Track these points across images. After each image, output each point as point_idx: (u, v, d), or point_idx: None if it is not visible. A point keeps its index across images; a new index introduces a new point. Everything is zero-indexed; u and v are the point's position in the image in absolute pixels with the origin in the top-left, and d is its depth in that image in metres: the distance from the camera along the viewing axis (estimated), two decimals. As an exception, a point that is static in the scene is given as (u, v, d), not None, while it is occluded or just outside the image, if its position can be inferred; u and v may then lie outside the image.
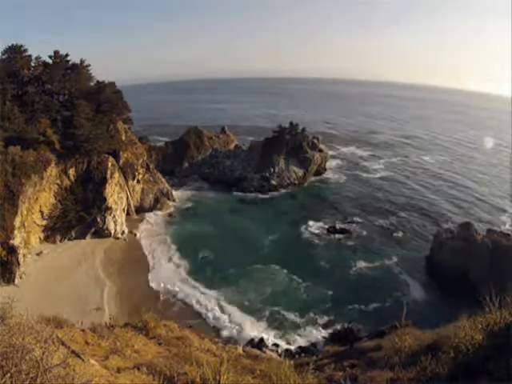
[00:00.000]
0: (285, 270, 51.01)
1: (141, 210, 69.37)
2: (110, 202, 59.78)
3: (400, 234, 62.75)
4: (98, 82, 72.68)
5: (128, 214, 66.14)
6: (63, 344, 6.14)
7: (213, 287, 47.49)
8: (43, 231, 55.03)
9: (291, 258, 53.88)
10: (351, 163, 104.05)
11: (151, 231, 62.93)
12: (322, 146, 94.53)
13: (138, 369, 7.13)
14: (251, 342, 36.64)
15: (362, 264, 53.29)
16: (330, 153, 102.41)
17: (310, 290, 47.43)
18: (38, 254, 51.60)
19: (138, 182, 69.74)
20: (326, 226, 64.59)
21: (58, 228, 55.84)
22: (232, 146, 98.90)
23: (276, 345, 37.41)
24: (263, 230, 62.89)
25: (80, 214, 57.19)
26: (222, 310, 43.50)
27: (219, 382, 5.23)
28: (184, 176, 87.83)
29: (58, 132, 61.09)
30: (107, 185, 60.03)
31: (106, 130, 65.94)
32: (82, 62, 70.75)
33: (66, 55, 68.70)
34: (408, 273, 51.53)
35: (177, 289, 47.49)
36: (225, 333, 39.69)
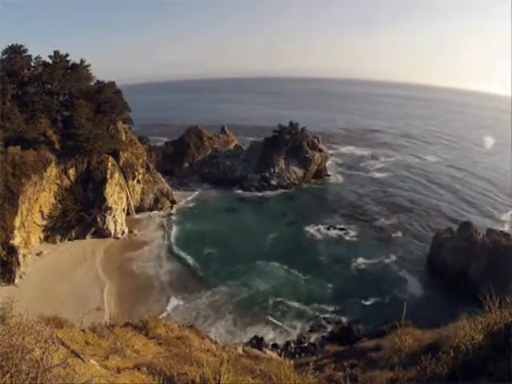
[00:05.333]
0: (285, 267, 51.67)
1: (141, 209, 69.42)
2: (110, 201, 59.79)
3: (400, 234, 62.74)
4: (98, 81, 72.67)
5: (128, 213, 66.17)
6: (63, 344, 6.14)
7: (219, 282, 48.90)
8: (43, 231, 55.03)
9: (292, 255, 54.28)
10: (351, 163, 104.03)
11: (152, 230, 63.03)
12: (321, 146, 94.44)
13: (138, 369, 7.12)
14: (251, 342, 36.66)
15: (361, 263, 53.40)
16: (330, 152, 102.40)
17: (310, 286, 47.96)
18: (38, 254, 51.62)
19: (138, 182, 69.72)
20: (326, 225, 64.62)
21: (58, 228, 55.86)
22: (232, 146, 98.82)
23: (276, 345, 37.41)
24: (264, 228, 63.19)
25: (80, 214, 57.20)
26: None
27: (219, 382, 5.22)
28: (184, 176, 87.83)
29: (58, 132, 61.11)
30: (107, 185, 60.06)
31: (106, 129, 65.94)
32: (82, 61, 70.79)
33: (66, 55, 68.80)
34: (408, 272, 51.58)
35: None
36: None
